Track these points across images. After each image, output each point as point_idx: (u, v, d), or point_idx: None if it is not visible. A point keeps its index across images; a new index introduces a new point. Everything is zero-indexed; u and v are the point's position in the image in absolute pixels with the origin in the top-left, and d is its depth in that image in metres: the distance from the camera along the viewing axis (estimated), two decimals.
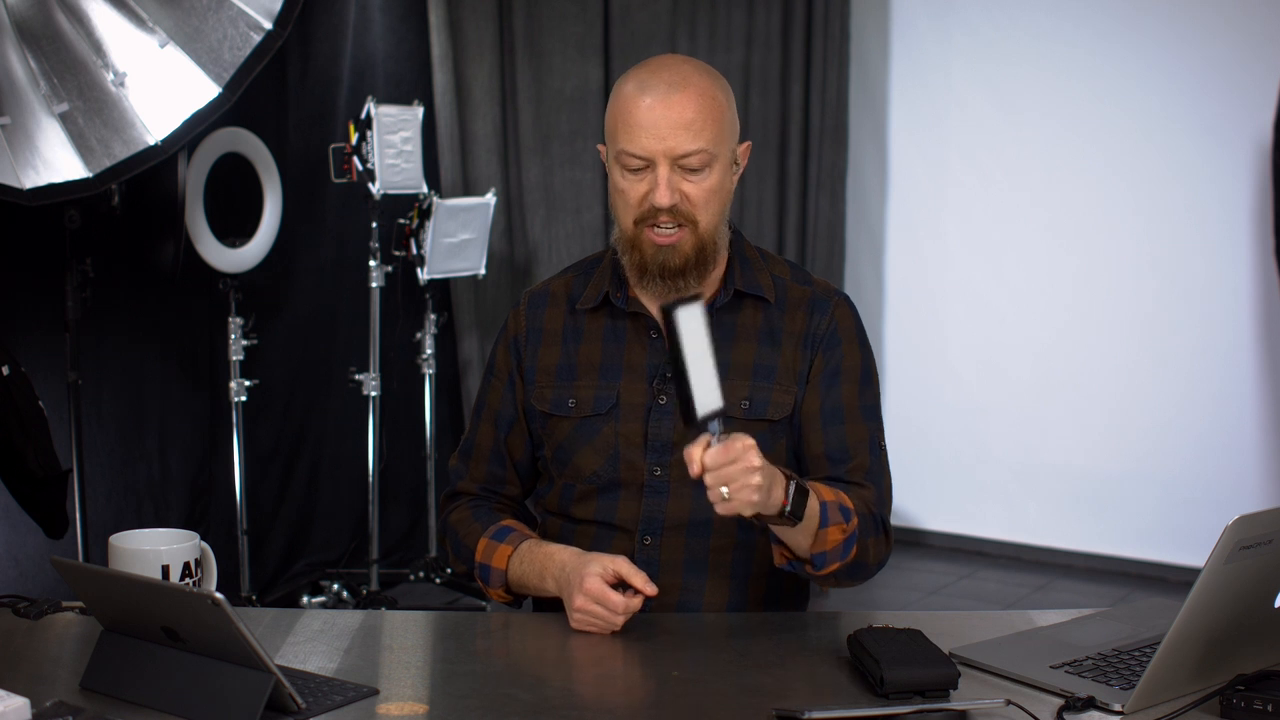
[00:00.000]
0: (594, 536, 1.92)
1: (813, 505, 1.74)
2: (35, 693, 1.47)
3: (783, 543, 1.79)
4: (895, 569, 4.73)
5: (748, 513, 1.65)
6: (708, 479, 1.61)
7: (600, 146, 1.93)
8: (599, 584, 1.77)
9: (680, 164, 1.82)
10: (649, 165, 1.82)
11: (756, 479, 1.62)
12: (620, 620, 1.77)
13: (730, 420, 1.80)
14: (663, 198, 1.81)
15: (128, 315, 3.90)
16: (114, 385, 3.89)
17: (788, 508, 1.68)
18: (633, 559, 1.83)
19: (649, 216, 1.84)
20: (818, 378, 1.91)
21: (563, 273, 2.05)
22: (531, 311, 2.00)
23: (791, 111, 4.96)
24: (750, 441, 1.63)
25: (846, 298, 1.99)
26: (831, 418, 1.90)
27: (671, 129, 1.80)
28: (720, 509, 1.63)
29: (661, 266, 1.86)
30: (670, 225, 1.84)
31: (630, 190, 1.85)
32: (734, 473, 1.61)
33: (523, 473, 2.02)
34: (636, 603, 1.78)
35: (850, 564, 1.80)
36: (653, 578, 1.82)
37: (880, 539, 1.86)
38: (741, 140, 1.92)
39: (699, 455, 1.60)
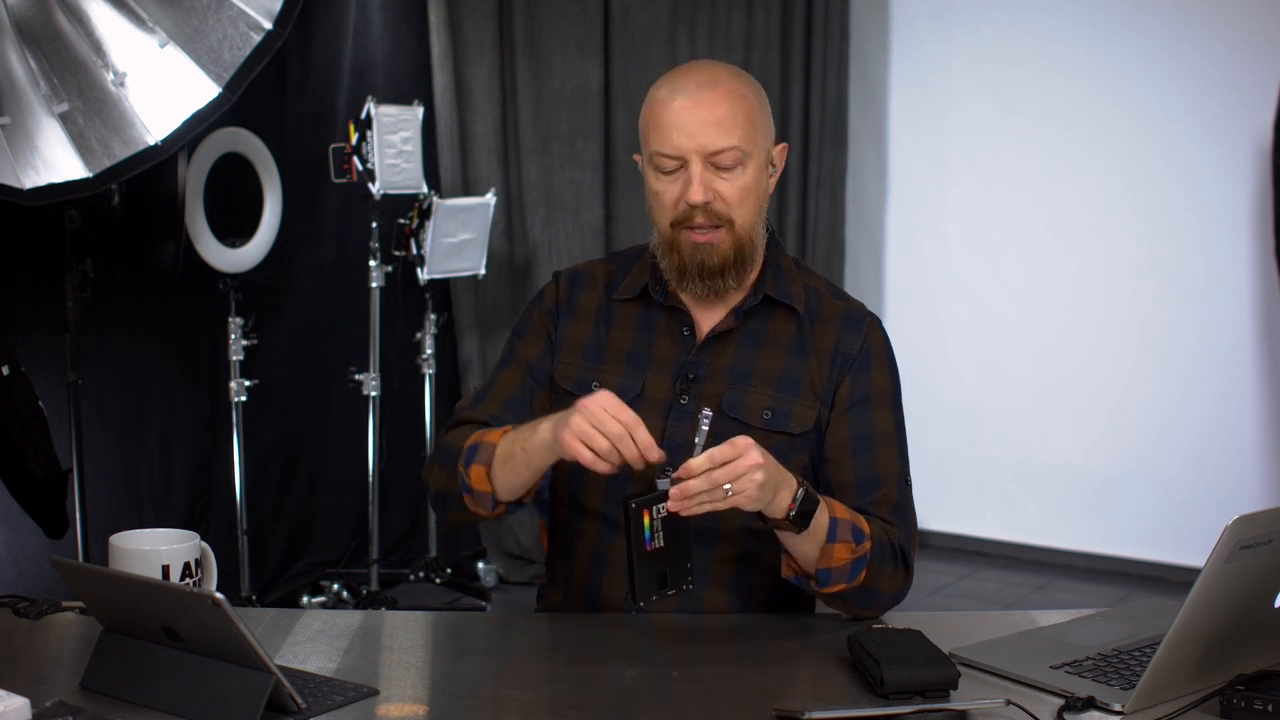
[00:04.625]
0: (599, 530, 1.91)
1: (821, 518, 1.73)
2: (35, 693, 1.47)
3: (791, 554, 1.78)
4: None
5: (749, 508, 1.66)
6: (711, 478, 1.61)
7: (636, 156, 1.92)
8: (614, 398, 1.68)
9: (713, 161, 1.81)
10: (682, 165, 1.82)
11: (760, 475, 1.62)
12: (618, 434, 1.64)
13: (750, 430, 1.79)
14: (696, 194, 1.80)
15: (128, 315, 3.90)
16: (114, 385, 3.89)
17: (793, 511, 1.68)
18: None
19: (685, 218, 1.83)
20: (845, 403, 1.88)
21: (603, 260, 2.05)
22: (570, 287, 1.99)
23: (791, 111, 4.96)
24: (750, 440, 1.63)
25: (880, 321, 1.96)
26: (862, 446, 1.87)
27: (702, 126, 1.80)
28: (719, 505, 1.63)
29: (700, 266, 1.85)
30: (706, 225, 1.83)
31: (665, 192, 1.84)
32: (740, 467, 1.61)
33: None
34: (641, 433, 1.67)
35: (859, 589, 1.79)
36: None
37: (899, 572, 1.83)
38: (776, 142, 1.91)
39: (697, 463, 1.61)
